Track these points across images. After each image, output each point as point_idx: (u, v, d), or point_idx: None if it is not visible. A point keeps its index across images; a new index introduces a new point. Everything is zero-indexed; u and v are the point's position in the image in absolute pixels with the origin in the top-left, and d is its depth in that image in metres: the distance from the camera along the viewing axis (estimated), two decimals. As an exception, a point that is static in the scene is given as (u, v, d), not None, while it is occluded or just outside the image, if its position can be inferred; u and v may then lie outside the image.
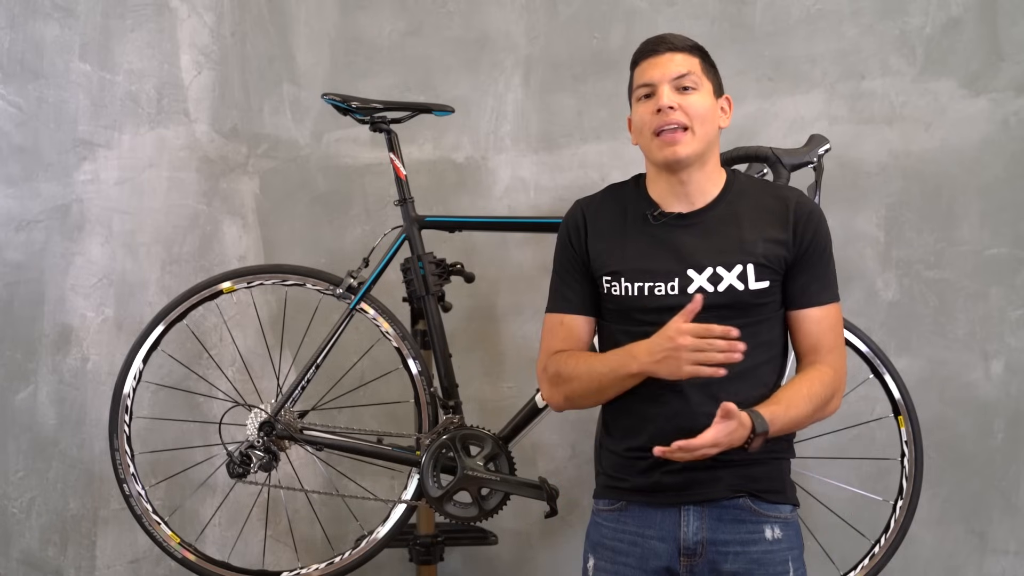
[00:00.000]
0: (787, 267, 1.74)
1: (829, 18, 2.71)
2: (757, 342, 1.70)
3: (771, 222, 1.74)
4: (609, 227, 1.81)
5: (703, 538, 1.69)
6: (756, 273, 1.70)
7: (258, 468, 2.33)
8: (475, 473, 2.26)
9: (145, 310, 2.73)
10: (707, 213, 1.76)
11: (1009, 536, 2.66)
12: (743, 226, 1.74)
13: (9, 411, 2.75)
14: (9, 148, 2.77)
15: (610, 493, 1.79)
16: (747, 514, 1.70)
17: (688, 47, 1.77)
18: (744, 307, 1.71)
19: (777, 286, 1.74)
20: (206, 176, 2.80)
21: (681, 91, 1.73)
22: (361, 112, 2.37)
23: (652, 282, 1.72)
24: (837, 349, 1.77)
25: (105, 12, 2.78)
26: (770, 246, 1.72)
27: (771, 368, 1.75)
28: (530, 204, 2.75)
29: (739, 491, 1.70)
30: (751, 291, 1.70)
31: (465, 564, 2.75)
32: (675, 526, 1.70)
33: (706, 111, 1.74)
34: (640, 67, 1.79)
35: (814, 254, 1.75)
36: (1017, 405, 2.66)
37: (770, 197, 1.79)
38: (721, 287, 1.70)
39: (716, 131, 1.78)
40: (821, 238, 1.76)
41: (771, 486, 1.73)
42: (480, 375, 2.72)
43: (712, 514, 1.69)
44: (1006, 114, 2.67)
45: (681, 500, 1.70)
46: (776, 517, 1.72)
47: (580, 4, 2.76)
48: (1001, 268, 2.66)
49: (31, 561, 2.75)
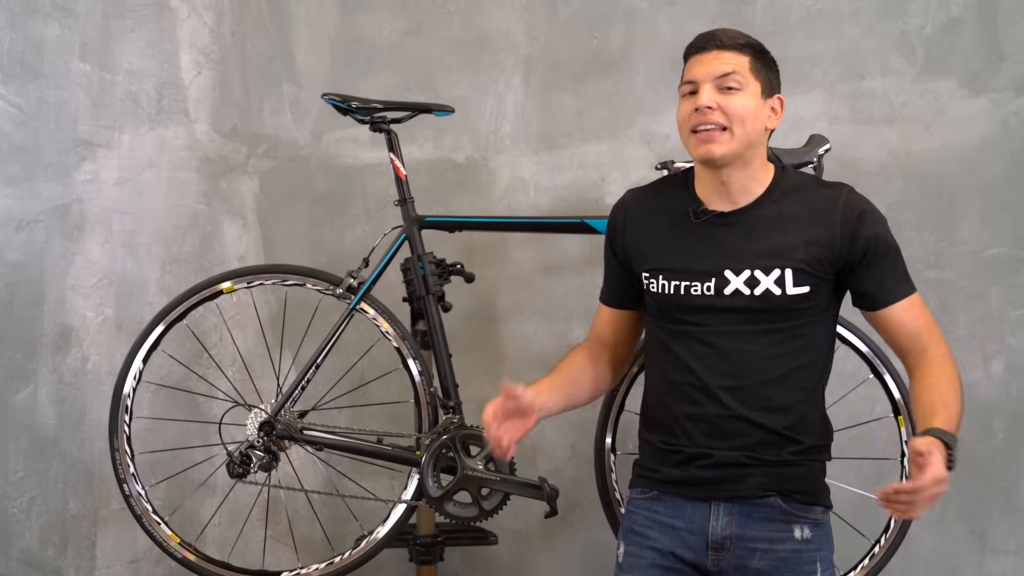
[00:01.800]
0: (837, 269, 1.70)
1: (829, 18, 2.71)
2: (796, 346, 1.68)
3: (816, 223, 1.69)
4: (652, 222, 1.79)
5: (731, 534, 1.68)
6: (795, 278, 1.67)
7: (258, 468, 2.33)
8: (475, 473, 2.26)
9: (145, 310, 2.73)
10: (749, 213, 1.72)
11: (1009, 536, 2.66)
12: (785, 228, 1.69)
13: (9, 411, 2.75)
14: (9, 148, 2.77)
15: (644, 483, 1.79)
16: (777, 513, 1.69)
17: (739, 45, 1.71)
18: (782, 311, 1.68)
19: (821, 289, 1.69)
20: (206, 176, 2.80)
21: (724, 91, 1.68)
22: (361, 112, 2.37)
23: (689, 281, 1.70)
24: (933, 328, 1.74)
25: (105, 12, 2.78)
26: (811, 249, 1.68)
27: (811, 371, 1.72)
28: (530, 204, 2.75)
29: (769, 490, 1.69)
30: (788, 296, 1.67)
31: (465, 564, 2.75)
32: (704, 520, 1.69)
33: (747, 112, 1.68)
34: (688, 63, 1.75)
35: (877, 251, 1.70)
36: (1017, 405, 2.66)
37: (818, 196, 1.73)
38: (758, 291, 1.67)
39: (761, 132, 1.72)
40: (880, 234, 1.71)
41: (802, 487, 1.72)
42: (480, 375, 2.72)
43: (742, 511, 1.69)
44: (1006, 114, 2.67)
45: (712, 495, 1.69)
46: (806, 518, 1.71)
47: (580, 4, 2.76)
48: (1001, 268, 2.66)
49: (31, 561, 2.75)
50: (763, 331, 1.68)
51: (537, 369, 2.63)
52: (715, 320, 1.69)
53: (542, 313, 2.73)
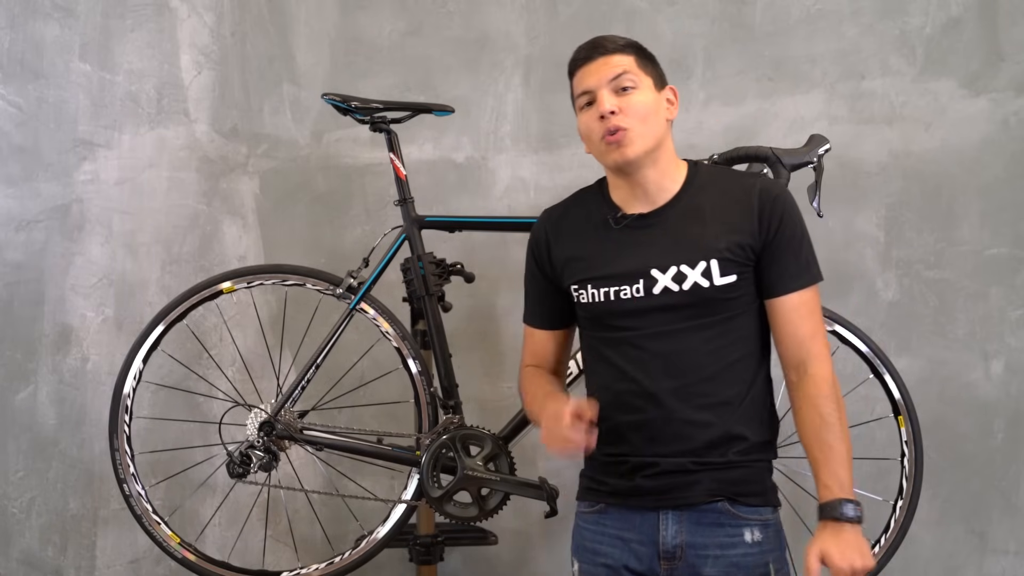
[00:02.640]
0: (757, 257, 1.69)
1: (829, 18, 2.71)
2: (731, 339, 1.68)
3: (734, 212, 1.70)
4: (574, 236, 1.80)
5: (682, 542, 1.67)
6: (721, 268, 1.66)
7: (258, 468, 2.33)
8: (475, 473, 2.26)
9: (145, 310, 2.73)
10: (668, 210, 1.73)
11: (1009, 536, 2.66)
12: (706, 220, 1.70)
13: (9, 411, 2.75)
14: (9, 148, 2.77)
15: (590, 495, 1.78)
16: (726, 518, 1.67)
17: (620, 46, 1.74)
18: (712, 303, 1.67)
19: (747, 278, 1.69)
20: (206, 176, 2.80)
21: (620, 92, 1.70)
22: (361, 112, 2.37)
23: (618, 286, 1.70)
24: (817, 335, 1.70)
25: (105, 12, 2.79)
26: (733, 237, 1.68)
27: (748, 363, 1.71)
28: (530, 204, 2.75)
29: (716, 495, 1.67)
30: (716, 287, 1.66)
31: (465, 564, 2.75)
32: (654, 530, 1.68)
33: (648, 108, 1.70)
34: (577, 76, 1.78)
35: (783, 239, 1.68)
36: (1017, 405, 2.66)
37: (733, 186, 1.74)
38: (686, 285, 1.67)
39: (663, 125, 1.73)
40: (790, 222, 1.69)
41: (750, 489, 1.70)
42: (480, 375, 2.72)
43: (691, 518, 1.68)
44: (1006, 114, 2.67)
45: (660, 504, 1.68)
46: (756, 520, 1.69)
47: (580, 4, 2.76)
48: (1001, 268, 2.66)
49: (31, 561, 2.75)
50: (697, 327, 1.68)
51: (537, 369, 2.63)
52: (648, 322, 1.69)
53: (542, 313, 2.73)
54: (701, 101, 2.75)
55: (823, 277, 1.73)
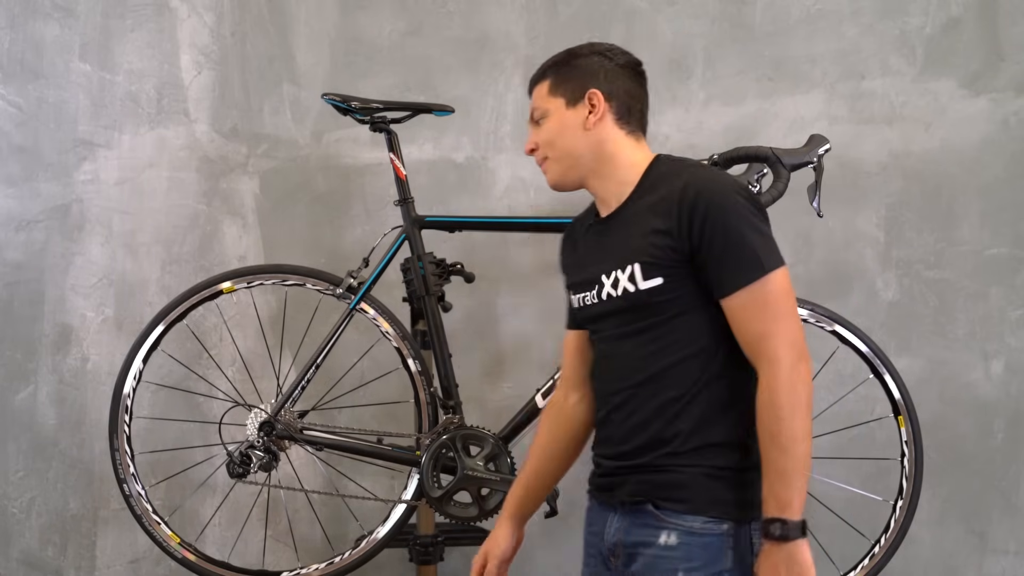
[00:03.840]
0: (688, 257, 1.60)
1: (829, 18, 2.71)
2: (668, 342, 1.62)
3: (658, 213, 1.63)
4: (572, 243, 1.84)
5: (619, 540, 1.68)
6: (643, 272, 1.62)
7: (258, 468, 2.33)
8: (475, 473, 2.26)
9: (145, 310, 2.73)
10: (618, 215, 1.71)
11: (1009, 536, 2.66)
12: (638, 222, 1.66)
13: (9, 411, 2.75)
14: (9, 148, 2.77)
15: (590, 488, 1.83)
16: (650, 519, 1.64)
17: (538, 77, 1.76)
18: (643, 308, 1.63)
19: (678, 281, 1.61)
20: (206, 176, 2.80)
21: (536, 126, 1.75)
22: (361, 112, 2.37)
23: (583, 292, 1.73)
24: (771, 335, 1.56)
25: (105, 12, 2.79)
26: (655, 238, 1.61)
27: (690, 366, 1.62)
28: (530, 204, 2.75)
29: (638, 496, 1.65)
30: (642, 291, 1.62)
31: (465, 564, 2.73)
32: (604, 526, 1.71)
33: (552, 135, 1.71)
34: None
35: (712, 237, 1.57)
36: (1017, 405, 2.66)
37: (667, 184, 1.66)
38: (619, 290, 1.65)
39: (583, 137, 1.69)
40: (718, 218, 1.57)
41: (673, 495, 1.63)
42: (480, 375, 2.72)
43: (625, 518, 1.68)
44: (1006, 114, 2.67)
45: (612, 501, 1.70)
46: (678, 525, 1.62)
47: (580, 4, 2.76)
48: (1001, 268, 2.67)
49: (31, 561, 2.75)
50: (634, 331, 1.66)
51: (536, 369, 2.64)
52: (604, 326, 1.71)
53: (542, 313, 2.73)
54: (701, 101, 2.75)
55: (783, 263, 1.57)
